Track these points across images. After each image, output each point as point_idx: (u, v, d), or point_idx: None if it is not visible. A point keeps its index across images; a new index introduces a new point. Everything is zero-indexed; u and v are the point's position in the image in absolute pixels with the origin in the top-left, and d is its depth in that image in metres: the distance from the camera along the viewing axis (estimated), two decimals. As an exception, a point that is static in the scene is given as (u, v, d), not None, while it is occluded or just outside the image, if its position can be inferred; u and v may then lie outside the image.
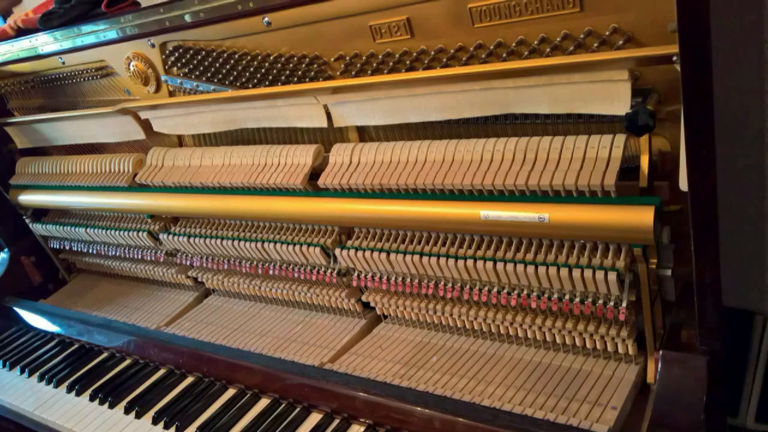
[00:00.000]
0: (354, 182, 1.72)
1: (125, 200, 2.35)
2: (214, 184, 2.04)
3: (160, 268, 2.50)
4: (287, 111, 1.85)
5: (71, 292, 2.90)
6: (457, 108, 1.54)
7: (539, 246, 1.52)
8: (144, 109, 2.18)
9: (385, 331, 1.93)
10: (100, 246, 2.66)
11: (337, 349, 1.90)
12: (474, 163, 1.55)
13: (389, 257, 1.73)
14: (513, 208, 1.47)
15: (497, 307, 1.67)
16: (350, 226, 1.85)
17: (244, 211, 2.01)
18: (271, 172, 1.91)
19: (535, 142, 1.47)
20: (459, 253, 1.62)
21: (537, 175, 1.43)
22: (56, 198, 2.63)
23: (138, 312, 2.49)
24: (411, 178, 1.62)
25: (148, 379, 2.06)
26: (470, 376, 1.64)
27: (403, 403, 1.54)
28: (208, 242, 2.14)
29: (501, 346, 1.72)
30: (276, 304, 2.24)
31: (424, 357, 1.77)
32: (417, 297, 1.80)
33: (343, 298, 1.98)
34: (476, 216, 1.52)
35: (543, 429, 1.38)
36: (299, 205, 1.87)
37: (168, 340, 2.14)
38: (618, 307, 1.45)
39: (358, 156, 1.76)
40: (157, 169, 2.23)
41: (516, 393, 1.54)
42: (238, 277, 2.23)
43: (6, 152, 2.88)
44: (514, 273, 1.53)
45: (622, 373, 1.52)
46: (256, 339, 2.07)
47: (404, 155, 1.67)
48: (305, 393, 1.73)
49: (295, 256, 1.94)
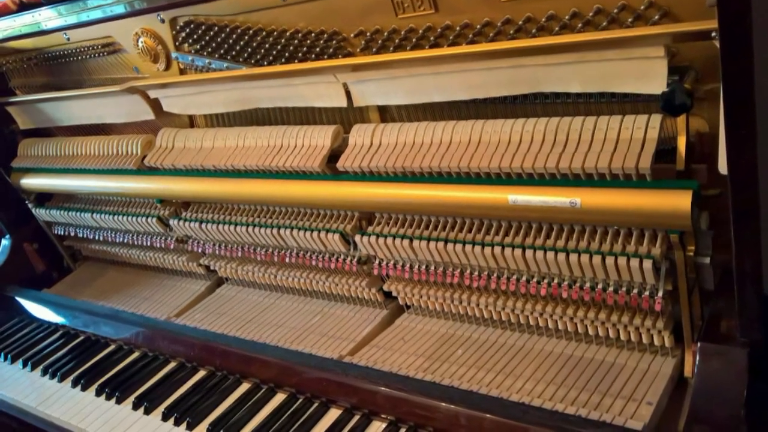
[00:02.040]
0: (375, 165, 1.76)
1: (133, 184, 2.39)
2: (227, 167, 2.09)
3: (170, 255, 2.55)
4: (304, 90, 1.89)
5: (76, 281, 2.95)
6: (484, 87, 1.57)
7: (570, 232, 1.56)
8: (153, 88, 2.22)
9: (408, 322, 1.97)
10: (106, 232, 2.71)
11: (357, 341, 1.95)
12: (501, 144, 1.58)
13: (412, 244, 1.77)
14: (543, 192, 1.50)
15: (526, 297, 1.70)
16: (371, 211, 1.89)
17: (259, 196, 2.06)
18: (287, 155, 1.95)
19: (566, 123, 1.50)
20: (486, 240, 1.66)
21: (568, 158, 1.47)
22: (61, 182, 2.68)
23: (147, 302, 2.54)
24: (435, 161, 1.66)
25: (157, 373, 2.10)
26: (498, 369, 1.68)
27: (427, 399, 1.58)
28: (221, 228, 2.18)
29: (530, 338, 1.76)
30: (293, 294, 2.29)
31: (449, 350, 1.81)
32: (441, 286, 1.85)
33: (364, 287, 2.02)
34: (504, 200, 1.55)
35: (575, 425, 1.40)
36: (317, 189, 1.91)
37: (179, 332, 2.19)
38: (654, 296, 1.48)
39: (379, 137, 1.80)
40: (167, 151, 2.28)
41: (546, 388, 1.58)
42: (253, 265, 2.28)
43: (7, 133, 2.92)
44: (543, 261, 1.57)
45: (657, 367, 1.55)
46: (271, 330, 2.11)
47: (428, 136, 1.71)
48: (324, 387, 1.76)
49: (312, 243, 1.99)
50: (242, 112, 2.16)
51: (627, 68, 1.36)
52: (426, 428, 1.57)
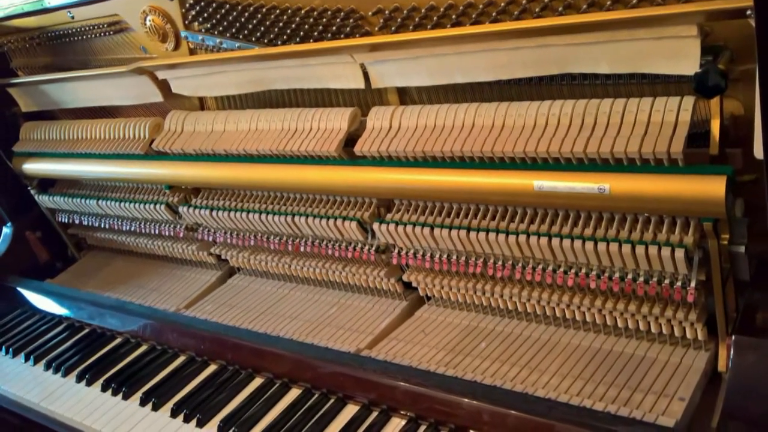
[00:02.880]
0: (394, 149, 1.79)
1: (141, 169, 2.43)
2: (239, 152, 2.12)
3: (180, 244, 2.59)
4: (320, 71, 1.92)
5: (81, 271, 3.00)
6: (509, 67, 1.60)
7: (599, 220, 1.59)
8: (162, 69, 2.25)
9: (429, 314, 2.01)
10: (113, 220, 2.75)
11: (376, 333, 1.99)
12: (527, 128, 1.61)
13: (433, 232, 1.80)
14: (570, 178, 1.53)
15: (552, 288, 1.74)
16: (390, 197, 1.93)
17: (272, 182, 2.09)
18: (302, 138, 1.98)
19: (594, 105, 1.53)
20: (510, 228, 1.69)
21: (596, 142, 1.49)
22: (65, 167, 2.72)
23: (155, 293, 2.58)
24: (457, 145, 1.68)
25: (166, 368, 2.13)
26: (522, 364, 1.72)
27: (448, 394, 1.61)
28: (233, 216, 2.22)
29: (556, 331, 1.79)
30: (308, 284, 2.33)
31: (471, 343, 1.84)
32: (464, 276, 1.88)
33: (382, 277, 2.05)
34: (529, 187, 1.58)
35: (603, 422, 1.43)
36: (333, 175, 1.95)
37: (188, 324, 2.23)
38: (686, 287, 1.51)
39: (398, 120, 1.83)
40: (176, 134, 2.32)
41: (573, 383, 1.61)
42: (266, 254, 2.32)
43: (9, 116, 2.95)
44: (571, 250, 1.60)
45: (690, 361, 1.58)
46: (285, 323, 2.15)
47: (450, 119, 1.73)
48: (340, 382, 1.80)
49: (328, 231, 2.03)
50: (255, 94, 2.19)
51: (658, 48, 1.38)
52: (447, 425, 1.59)
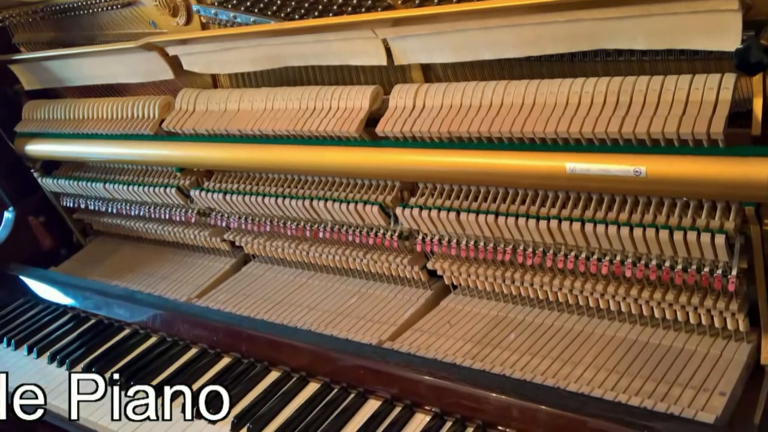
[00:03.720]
0: (418, 129, 1.82)
1: (150, 150, 2.48)
2: (254, 132, 2.15)
3: (191, 230, 2.64)
4: (339, 47, 1.95)
5: (87, 259, 3.06)
6: (539, 43, 1.62)
7: (634, 204, 1.62)
8: (172, 44, 2.28)
9: (455, 304, 2.05)
10: (120, 204, 2.80)
11: (399, 324, 2.02)
12: (558, 107, 1.63)
13: (459, 217, 1.83)
14: (604, 159, 1.55)
15: (585, 276, 1.77)
16: (414, 180, 1.96)
17: (289, 164, 2.13)
18: (321, 118, 2.01)
19: (629, 83, 1.55)
20: (541, 213, 1.72)
21: (632, 122, 1.51)
22: (70, 148, 2.77)
23: (165, 281, 2.64)
24: (485, 125, 1.71)
25: (177, 361, 2.17)
26: (554, 356, 1.75)
27: (475, 388, 1.64)
28: (248, 200, 2.26)
29: (590, 322, 1.82)
30: (327, 273, 2.37)
31: (499, 334, 1.88)
32: (492, 264, 1.91)
33: (406, 265, 2.09)
34: (561, 169, 1.61)
35: (639, 418, 1.45)
36: (354, 157, 1.98)
37: (200, 315, 2.27)
38: (727, 275, 1.53)
39: (422, 99, 1.85)
40: (187, 114, 2.35)
41: (607, 376, 1.64)
42: (283, 240, 2.36)
43: (11, 94, 3.00)
44: (605, 236, 1.62)
45: (731, 353, 1.60)
46: (303, 313, 2.19)
47: (476, 98, 1.76)
48: (361, 376, 1.84)
49: (349, 216, 2.06)
50: (271, 72, 2.23)
51: (697, 22, 1.40)
52: (474, 421, 1.62)
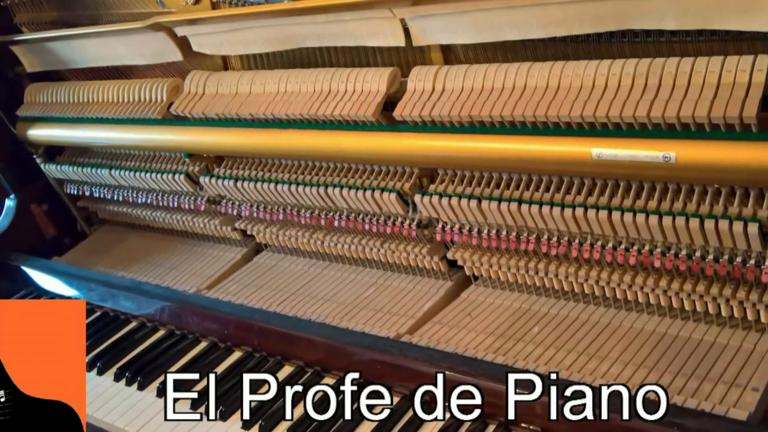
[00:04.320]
0: (437, 113, 1.84)
1: (158, 135, 2.51)
2: (266, 116, 2.18)
3: (201, 218, 2.67)
4: (356, 27, 1.96)
5: (92, 248, 3.10)
6: (563, 23, 1.64)
7: (663, 192, 1.63)
8: (181, 24, 2.30)
9: (476, 296, 2.07)
10: (127, 191, 2.83)
11: (417, 317, 2.05)
12: (584, 89, 1.64)
13: (481, 205, 1.85)
14: (631, 145, 1.57)
15: (612, 267, 1.79)
16: (433, 166, 1.99)
17: (303, 149, 2.16)
18: (336, 101, 2.03)
19: (658, 65, 1.56)
20: (566, 201, 1.74)
21: (661, 105, 1.52)
22: (74, 133, 2.80)
23: (174, 272, 2.67)
24: (507, 109, 1.72)
25: (185, 355, 2.19)
26: (579, 350, 1.77)
27: (497, 384, 1.64)
28: (260, 187, 2.29)
29: (617, 314, 1.85)
30: (342, 263, 2.40)
31: (523, 327, 1.91)
32: (514, 254, 1.94)
33: (425, 255, 2.11)
34: (587, 155, 1.63)
35: (669, 415, 1.44)
36: (371, 142, 2.00)
37: (210, 307, 2.30)
38: (760, 266, 1.55)
39: (442, 81, 1.87)
40: (196, 97, 2.38)
41: (635, 371, 1.66)
42: (296, 229, 2.38)
43: (12, 77, 3.02)
44: (633, 224, 1.64)
45: (764, 347, 1.62)
46: (317, 305, 2.22)
47: (499, 81, 1.77)
48: (378, 371, 1.85)
49: (365, 204, 2.09)
50: (284, 53, 2.24)
51: (730, 1, 1.41)
52: (496, 418, 1.64)
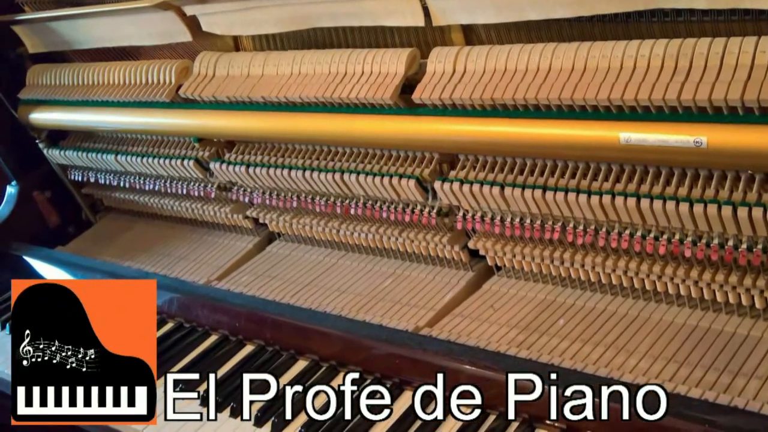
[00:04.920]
0: (458, 96, 1.85)
1: (166, 119, 2.54)
2: (279, 99, 2.20)
3: (211, 206, 2.70)
4: (373, 5, 1.98)
5: (97, 237, 3.14)
6: (590, 2, 1.65)
7: (694, 178, 1.65)
8: (190, 3, 2.32)
9: (499, 287, 2.10)
10: (133, 178, 2.86)
11: (437, 309, 2.08)
12: (612, 71, 1.66)
13: (503, 192, 1.87)
14: (661, 129, 1.58)
15: (641, 257, 1.81)
16: (453, 152, 2.01)
17: (318, 133, 2.18)
18: (352, 84, 2.05)
19: (689, 46, 1.57)
20: (593, 187, 1.76)
21: (692, 88, 1.53)
22: (78, 116, 2.83)
23: (182, 262, 2.71)
24: (531, 91, 1.74)
25: (195, 349, 2.22)
26: (606, 344, 1.80)
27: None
28: (273, 173, 2.31)
29: (646, 306, 1.87)
30: (359, 253, 2.43)
31: (548, 320, 1.93)
32: (539, 243, 1.96)
33: (445, 244, 2.14)
34: (615, 139, 1.64)
35: (700, 411, 1.48)
36: (388, 126, 2.03)
37: (221, 299, 2.33)
38: (796, 255, 1.58)
39: (463, 63, 1.89)
40: (206, 79, 2.40)
41: (665, 366, 1.68)
42: (311, 217, 2.41)
43: (14, 58, 3.04)
44: (662, 212, 1.66)
45: (801, 340, 1.65)
46: (333, 297, 2.25)
47: (522, 62, 1.79)
48: (396, 366, 1.87)
49: (383, 191, 2.11)
50: (298, 33, 2.26)
51: (763, -22, 1.43)
52: (521, 414, 1.65)
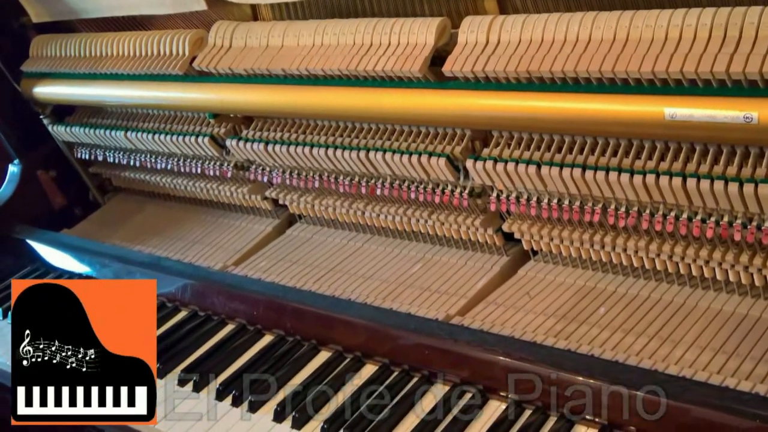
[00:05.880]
0: (492, 68, 1.87)
1: (180, 93, 2.57)
2: (300, 72, 2.22)
3: (227, 186, 2.74)
4: (401, -29, 2.02)
5: (105, 219, 3.19)
6: (633, -34, 1.68)
7: (744, 156, 1.66)
8: None
9: (535, 273, 2.13)
10: (144, 156, 2.90)
11: (470, 296, 2.11)
12: (656, 42, 1.67)
13: (540, 171, 1.89)
14: (709, 104, 1.59)
15: (687, 240, 1.82)
16: (487, 128, 2.03)
17: (342, 109, 2.21)
18: (378, 56, 2.07)
19: (739, 15, 1.58)
20: (635, 166, 1.77)
21: (741, 60, 1.54)
22: (85, 90, 2.87)
23: (197, 246, 2.75)
24: (570, 64, 1.76)
25: (210, 339, 2.25)
26: (650, 333, 1.82)
27: (559, 371, 1.70)
28: (293, 150, 2.34)
29: (692, 293, 1.89)
30: (385, 236, 2.46)
31: (587, 308, 1.95)
32: (578, 226, 1.98)
33: (477, 227, 2.16)
34: (659, 115, 1.65)
35: (750, 406, 1.49)
36: (417, 100, 2.05)
37: (238, 285, 2.37)
38: None
39: (497, 33, 1.90)
40: (223, 50, 2.43)
41: (713, 357, 1.70)
42: (334, 198, 2.44)
43: (17, 28, 3.08)
44: (710, 193, 1.67)
45: None
46: (357, 283, 2.29)
47: (560, 32, 1.80)
48: (425, 357, 1.90)
49: (411, 170, 2.13)
50: (321, 1, 2.28)
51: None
52: (557, 409, 1.68)
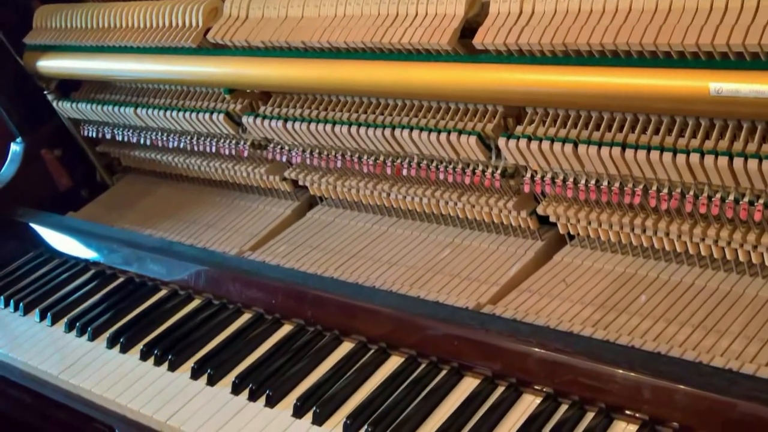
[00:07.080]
0: (526, 41, 1.88)
1: (193, 67, 2.61)
2: (321, 45, 2.25)
3: (244, 166, 2.77)
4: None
5: (114, 202, 3.23)
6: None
7: (795, 134, 1.69)
8: None
9: (571, 259, 2.15)
10: (155, 134, 2.94)
11: (502, 284, 2.13)
12: (701, 12, 1.67)
13: (577, 150, 1.91)
14: (757, 78, 1.59)
15: (734, 224, 1.84)
16: (520, 104, 2.04)
17: (366, 84, 2.23)
18: (405, 27, 2.09)
19: None
20: (678, 145, 1.79)
21: None
22: (92, 64, 2.91)
23: (211, 230, 2.79)
24: (609, 35, 1.76)
25: (225, 329, 2.30)
26: (695, 323, 1.83)
27: (597, 363, 1.71)
28: (314, 128, 2.36)
29: (740, 281, 1.90)
30: (412, 219, 2.49)
31: (627, 296, 1.97)
32: (617, 208, 1.99)
33: (510, 210, 2.18)
34: (704, 90, 1.66)
35: None
36: (446, 75, 2.07)
37: (255, 272, 2.40)
38: None
39: (531, 3, 1.92)
40: (239, 22, 2.46)
41: (762, 348, 1.71)
42: (357, 179, 2.47)
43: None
44: (758, 173, 1.68)
45: None
46: (382, 270, 2.32)
47: (599, 2, 1.81)
48: (455, 348, 1.92)
49: (439, 149, 2.15)
50: (342, -32, 2.32)
51: None
52: (596, 404, 1.70)
